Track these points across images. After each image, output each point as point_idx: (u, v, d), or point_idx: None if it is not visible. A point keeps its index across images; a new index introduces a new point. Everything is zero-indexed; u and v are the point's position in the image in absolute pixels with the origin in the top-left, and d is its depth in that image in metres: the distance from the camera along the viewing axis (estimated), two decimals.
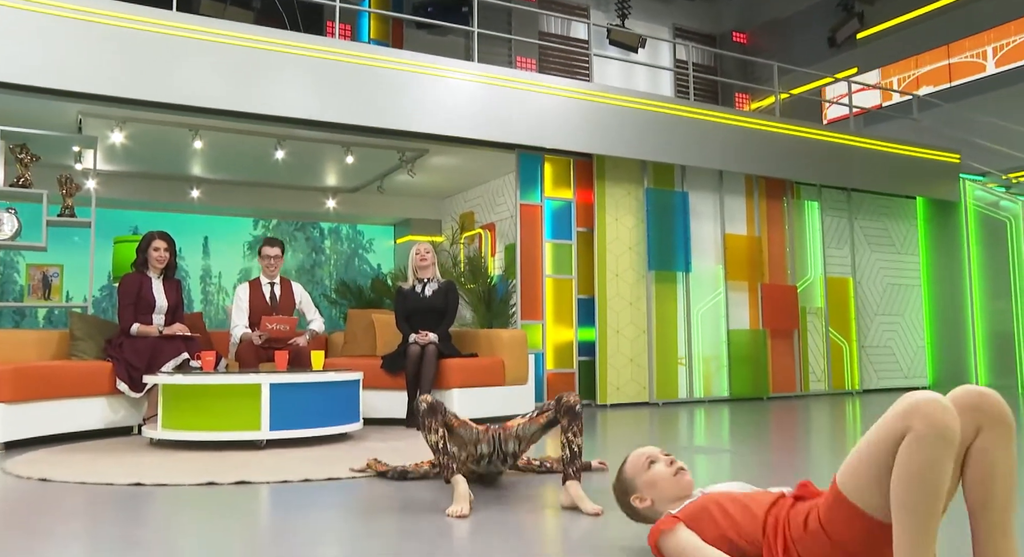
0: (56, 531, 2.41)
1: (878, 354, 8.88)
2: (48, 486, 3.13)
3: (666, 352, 7.53)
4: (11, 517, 2.62)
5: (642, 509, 2.05)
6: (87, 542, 2.32)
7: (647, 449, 2.13)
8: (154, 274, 5.33)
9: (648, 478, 2.04)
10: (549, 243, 7.34)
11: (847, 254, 8.71)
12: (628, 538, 2.21)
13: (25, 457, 3.93)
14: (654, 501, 2.03)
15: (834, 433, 5.21)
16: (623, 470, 2.13)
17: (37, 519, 2.56)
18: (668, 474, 2.03)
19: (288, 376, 4.22)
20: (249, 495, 2.93)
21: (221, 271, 10.04)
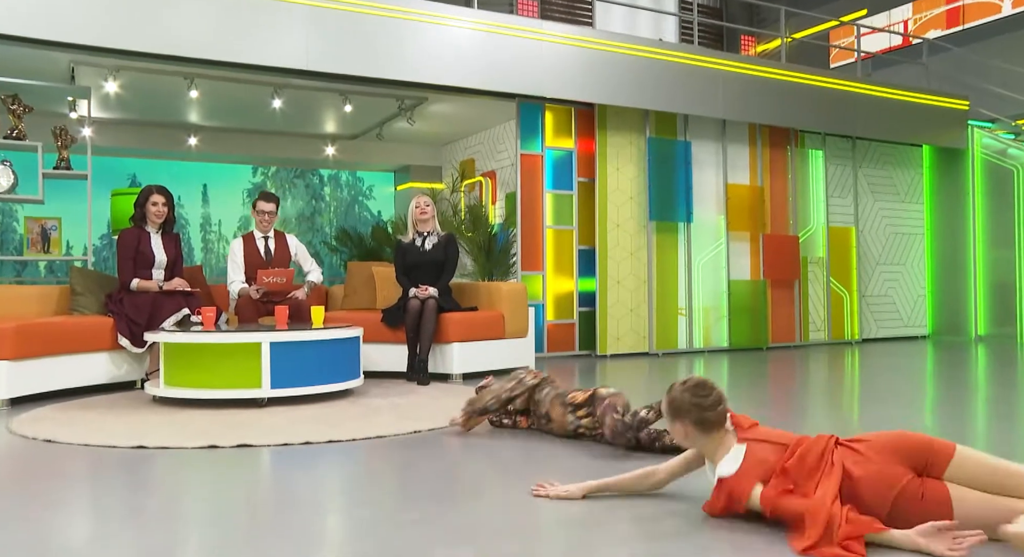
0: (60, 499, 2.45)
1: (878, 304, 8.90)
2: (53, 448, 3.18)
3: (666, 303, 7.55)
4: (17, 484, 2.67)
5: (679, 438, 2.25)
6: (91, 510, 2.36)
7: (718, 391, 2.24)
8: (152, 229, 5.31)
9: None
10: (550, 193, 7.29)
11: (850, 203, 8.65)
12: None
13: (30, 414, 3.99)
14: (696, 443, 2.22)
15: (831, 387, 5.25)
16: (691, 398, 2.22)
17: (42, 485, 2.60)
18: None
19: (288, 334, 4.24)
20: (250, 459, 2.97)
21: (221, 219, 10.02)
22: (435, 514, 2.19)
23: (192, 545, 2.02)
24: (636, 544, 1.96)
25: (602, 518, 2.16)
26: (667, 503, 2.31)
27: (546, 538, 2.04)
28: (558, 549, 1.95)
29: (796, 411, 4.24)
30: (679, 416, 2.21)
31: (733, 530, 2.04)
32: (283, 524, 2.14)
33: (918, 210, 9.25)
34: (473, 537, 2.01)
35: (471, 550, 1.89)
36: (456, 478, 2.68)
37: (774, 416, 3.89)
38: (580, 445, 3.16)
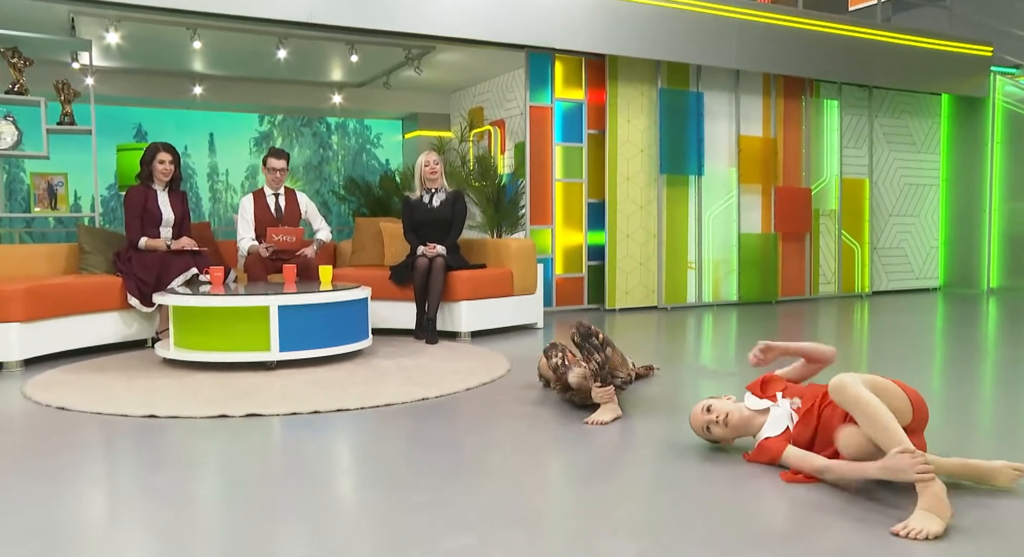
0: (73, 474, 2.49)
1: (890, 256, 8.83)
2: (66, 416, 3.22)
3: (676, 256, 7.51)
4: (31, 456, 2.71)
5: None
6: (103, 487, 2.40)
7: (699, 418, 2.61)
8: (159, 187, 5.28)
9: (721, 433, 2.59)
10: (559, 146, 7.19)
11: (864, 154, 8.50)
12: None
13: (44, 377, 4.03)
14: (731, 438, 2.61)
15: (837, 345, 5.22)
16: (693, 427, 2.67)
17: (55, 459, 2.64)
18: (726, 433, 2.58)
19: (296, 297, 4.24)
20: (259, 429, 3.01)
21: (228, 168, 9.95)
22: (441, 496, 2.22)
23: (200, 524, 2.05)
24: (642, 537, 1.98)
25: (608, 504, 2.18)
26: (664, 494, 2.33)
27: (552, 524, 2.06)
28: (562, 537, 1.97)
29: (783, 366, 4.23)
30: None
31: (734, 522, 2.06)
32: (288, 507, 2.17)
33: (934, 160, 9.09)
34: (478, 523, 2.03)
35: (474, 537, 1.91)
36: (463, 454, 2.70)
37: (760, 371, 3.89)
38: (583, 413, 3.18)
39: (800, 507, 2.11)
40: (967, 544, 1.87)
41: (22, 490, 2.30)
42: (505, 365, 4.32)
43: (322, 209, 10.67)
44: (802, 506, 2.11)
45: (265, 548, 1.87)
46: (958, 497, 2.10)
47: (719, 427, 2.56)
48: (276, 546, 1.88)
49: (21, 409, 3.39)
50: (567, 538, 1.93)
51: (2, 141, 5.67)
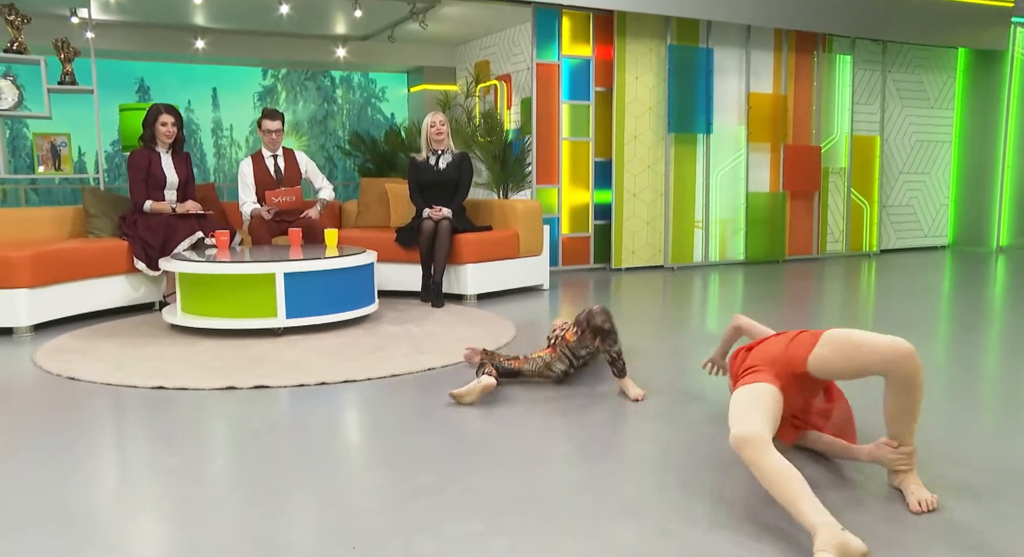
0: (82, 450, 2.53)
1: (899, 214, 8.76)
2: (76, 387, 3.26)
3: (683, 216, 7.46)
4: (43, 433, 2.74)
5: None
6: (112, 464, 2.44)
7: None
8: (162, 149, 5.24)
9: None
10: (566, 104, 7.10)
11: (876, 111, 8.36)
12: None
13: (53, 344, 4.07)
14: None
15: (847, 309, 5.23)
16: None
17: (65, 436, 2.68)
18: None
19: (302, 264, 4.23)
20: (267, 402, 3.04)
21: (232, 123, 9.85)
22: (447, 478, 2.24)
23: (207, 505, 2.08)
24: (646, 518, 2.00)
25: (612, 486, 2.21)
26: (670, 473, 2.36)
27: (558, 509, 2.09)
28: (568, 523, 2.00)
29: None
30: None
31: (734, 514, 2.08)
32: (295, 490, 2.20)
33: (947, 117, 8.94)
34: (484, 507, 2.06)
35: (482, 524, 1.94)
36: (470, 430, 2.72)
37: None
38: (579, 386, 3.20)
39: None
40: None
41: (35, 469, 2.34)
42: (511, 331, 4.33)
43: (327, 165, 10.63)
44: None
45: (272, 531, 1.90)
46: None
47: None
48: (283, 530, 1.92)
49: (32, 378, 3.43)
50: (574, 523, 1.95)
51: (3, 101, 5.62)
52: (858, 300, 5.65)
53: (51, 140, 5.84)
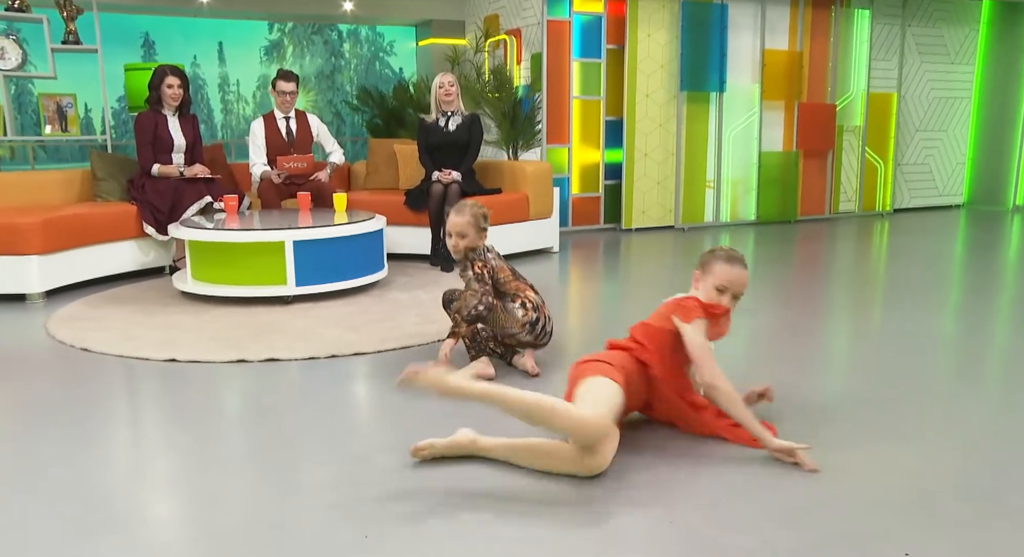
0: (98, 427, 2.56)
1: (914, 172, 8.64)
2: (88, 359, 3.29)
3: (694, 175, 7.38)
4: (57, 409, 2.78)
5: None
6: (126, 439, 2.47)
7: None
8: (169, 112, 5.20)
9: None
10: (577, 62, 6.97)
11: (894, 67, 8.18)
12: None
13: (65, 311, 4.10)
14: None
15: (857, 272, 5.18)
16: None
17: (79, 411, 2.72)
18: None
19: (311, 232, 4.22)
20: (278, 376, 3.06)
21: (239, 78, 9.75)
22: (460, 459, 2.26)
23: (219, 485, 2.11)
24: (653, 508, 2.01)
25: (618, 469, 2.22)
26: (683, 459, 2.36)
27: (569, 493, 2.11)
28: (576, 510, 2.02)
29: (812, 305, 4.22)
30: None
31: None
32: (307, 470, 2.23)
33: (967, 72, 8.74)
34: (497, 494, 2.08)
35: (491, 513, 1.96)
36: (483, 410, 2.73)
37: (789, 315, 3.89)
38: None
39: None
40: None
41: (49, 447, 2.37)
42: None
43: (335, 120, 10.54)
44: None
45: (283, 514, 1.93)
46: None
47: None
48: (294, 513, 1.95)
49: (46, 349, 3.46)
50: (583, 508, 1.97)
51: (7, 61, 5.56)
52: (869, 263, 5.60)
53: (57, 101, 5.80)
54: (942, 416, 2.58)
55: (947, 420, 2.55)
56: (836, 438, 2.37)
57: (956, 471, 2.15)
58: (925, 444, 2.34)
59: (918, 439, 2.38)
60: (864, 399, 2.73)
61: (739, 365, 3.15)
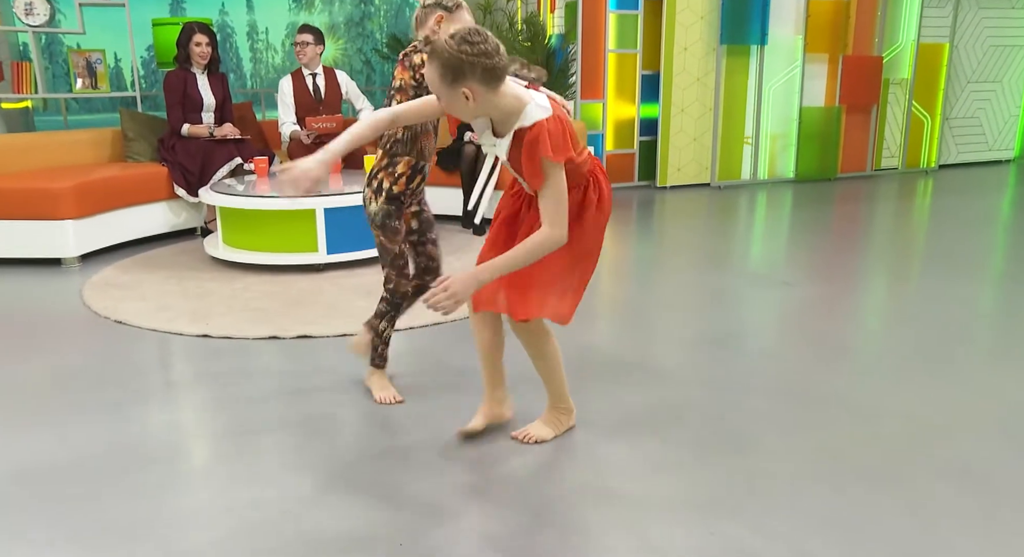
0: (129, 412, 2.58)
1: (963, 126, 8.32)
2: (123, 333, 3.31)
3: (732, 131, 7.17)
4: (91, 386, 2.80)
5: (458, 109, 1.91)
6: (161, 427, 2.48)
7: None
8: (198, 70, 5.13)
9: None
10: (613, 14, 6.74)
11: (948, 14, 7.79)
12: None
13: (100, 277, 4.12)
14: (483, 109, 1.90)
15: (897, 237, 5.03)
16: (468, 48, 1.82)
17: (113, 392, 2.74)
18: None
19: (342, 199, 4.17)
20: (309, 354, 3.05)
21: (268, 27, 9.58)
22: (492, 455, 2.24)
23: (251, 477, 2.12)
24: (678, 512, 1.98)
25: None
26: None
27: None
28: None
29: (851, 278, 4.11)
30: (460, 76, 1.81)
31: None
32: (341, 464, 2.23)
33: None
34: (534, 501, 2.06)
35: (528, 517, 1.94)
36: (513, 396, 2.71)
37: (814, 279, 3.79)
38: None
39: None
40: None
41: (86, 428, 2.39)
42: None
43: (364, 69, 10.36)
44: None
45: (318, 518, 1.93)
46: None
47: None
48: (329, 516, 1.94)
49: (81, 319, 3.49)
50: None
51: (36, 16, 5.50)
52: (910, 228, 5.43)
53: (86, 57, 5.75)
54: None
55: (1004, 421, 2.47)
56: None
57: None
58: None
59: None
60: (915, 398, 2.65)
61: (773, 351, 3.08)
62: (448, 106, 1.90)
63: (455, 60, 1.79)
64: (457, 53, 1.79)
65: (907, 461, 2.16)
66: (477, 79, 1.81)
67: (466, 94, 1.82)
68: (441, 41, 1.81)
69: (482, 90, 1.83)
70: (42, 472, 2.13)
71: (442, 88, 1.85)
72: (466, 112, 1.90)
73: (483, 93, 1.83)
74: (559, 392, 2.34)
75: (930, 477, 2.07)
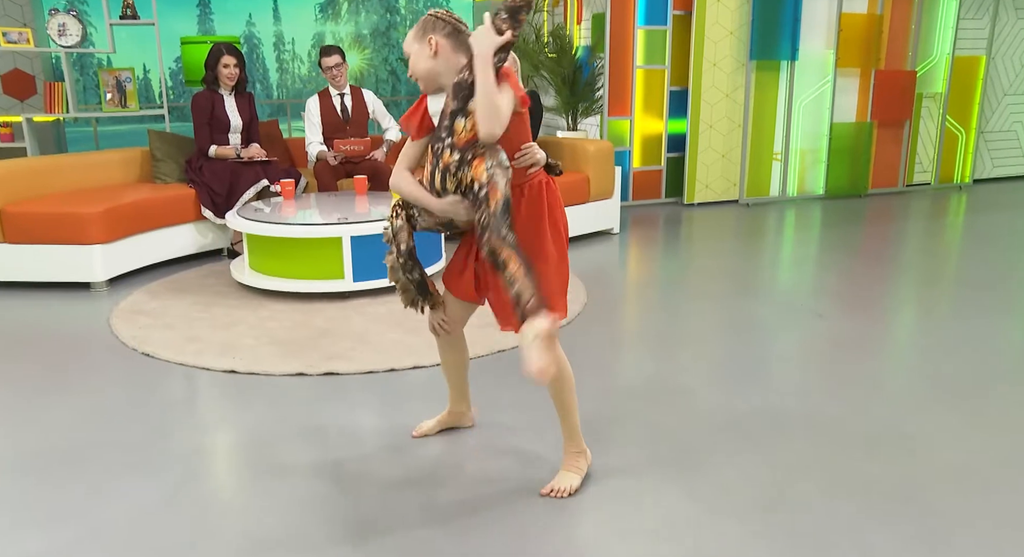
0: (155, 459, 2.57)
1: (998, 139, 8.16)
2: (151, 367, 3.31)
3: (761, 147, 7.08)
4: (119, 427, 2.80)
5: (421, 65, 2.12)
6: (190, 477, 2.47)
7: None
8: (226, 91, 5.14)
9: None
10: (641, 30, 6.67)
11: (985, 26, 7.64)
12: None
13: (128, 303, 4.14)
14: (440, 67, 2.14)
15: (927, 260, 4.92)
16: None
17: (140, 433, 2.73)
18: None
19: (368, 227, 4.15)
20: (336, 392, 3.03)
21: (294, 37, 9.64)
22: (517, 529, 2.20)
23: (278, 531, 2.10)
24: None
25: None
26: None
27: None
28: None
29: (874, 305, 4.03)
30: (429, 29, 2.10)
31: None
32: (368, 522, 2.20)
33: None
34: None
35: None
36: (547, 445, 2.67)
37: (847, 310, 3.71)
38: None
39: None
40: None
41: (113, 480, 2.39)
42: (581, 297, 4.22)
43: (390, 79, 10.39)
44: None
45: None
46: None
47: None
48: None
49: (109, 352, 3.49)
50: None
51: (69, 37, 5.55)
52: (946, 250, 5.31)
53: (116, 75, 5.78)
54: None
55: None
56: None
57: None
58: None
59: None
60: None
61: (804, 385, 3.00)
62: (414, 64, 2.09)
63: (429, 19, 2.12)
64: (431, 15, 2.13)
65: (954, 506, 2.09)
66: (442, 34, 2.06)
67: (431, 44, 2.05)
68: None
69: (447, 45, 2.05)
70: (70, 527, 2.13)
71: (413, 44, 2.11)
72: (430, 70, 2.08)
73: (447, 48, 2.06)
74: (574, 433, 2.33)
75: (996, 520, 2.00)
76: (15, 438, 2.66)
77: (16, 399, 2.99)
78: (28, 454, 2.55)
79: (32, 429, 2.73)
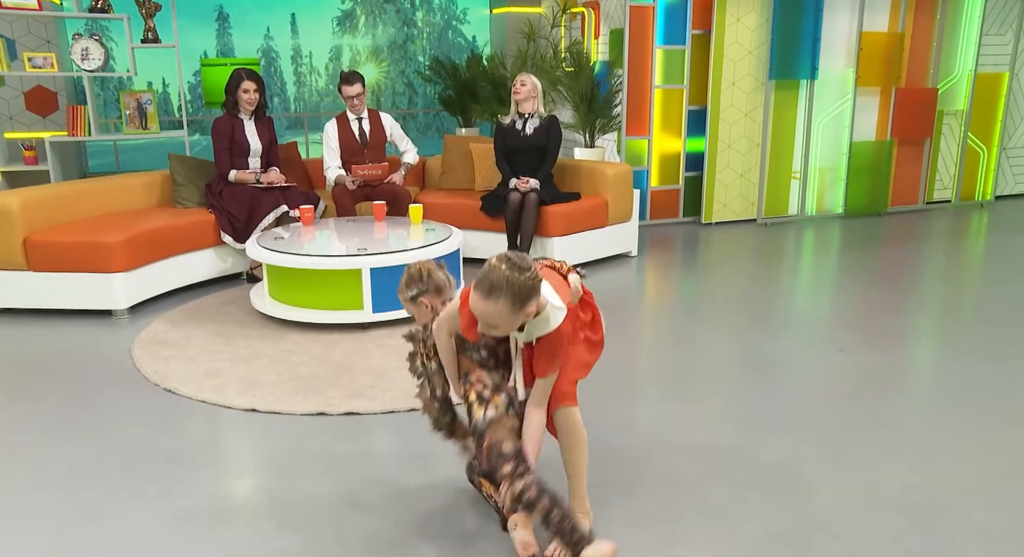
0: (174, 505, 2.58)
1: (1021, 156, 8.07)
2: (173, 403, 3.33)
3: (780, 166, 7.04)
4: (139, 469, 2.82)
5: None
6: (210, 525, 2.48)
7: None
8: (245, 116, 5.17)
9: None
10: (660, 50, 6.65)
11: (1008, 41, 7.56)
12: None
13: (148, 332, 4.17)
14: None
15: (947, 283, 4.88)
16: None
17: (161, 479, 2.75)
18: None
19: (387, 258, 4.16)
20: (358, 433, 3.04)
21: (312, 50, 9.67)
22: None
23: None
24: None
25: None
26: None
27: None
28: None
29: (897, 338, 3.99)
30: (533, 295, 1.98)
31: None
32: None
33: None
34: None
35: None
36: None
37: (869, 344, 3.68)
38: None
39: None
40: None
41: (131, 527, 2.40)
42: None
43: (407, 91, 10.40)
44: None
45: None
46: None
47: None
48: None
49: (131, 387, 3.51)
50: None
51: (91, 61, 5.60)
52: (969, 275, 5.26)
53: (137, 97, 5.83)
54: None
55: None
56: None
57: None
58: None
59: None
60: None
61: (830, 439, 2.98)
62: (507, 329, 2.01)
63: (526, 287, 1.93)
64: (527, 279, 1.93)
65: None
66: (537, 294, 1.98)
67: (529, 310, 1.96)
68: (501, 272, 1.91)
69: (533, 302, 1.97)
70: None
71: (510, 317, 1.95)
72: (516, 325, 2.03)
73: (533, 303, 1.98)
74: (581, 494, 2.32)
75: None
76: (33, 480, 2.68)
77: (40, 437, 3.01)
78: (53, 498, 2.57)
79: (55, 469, 2.75)
